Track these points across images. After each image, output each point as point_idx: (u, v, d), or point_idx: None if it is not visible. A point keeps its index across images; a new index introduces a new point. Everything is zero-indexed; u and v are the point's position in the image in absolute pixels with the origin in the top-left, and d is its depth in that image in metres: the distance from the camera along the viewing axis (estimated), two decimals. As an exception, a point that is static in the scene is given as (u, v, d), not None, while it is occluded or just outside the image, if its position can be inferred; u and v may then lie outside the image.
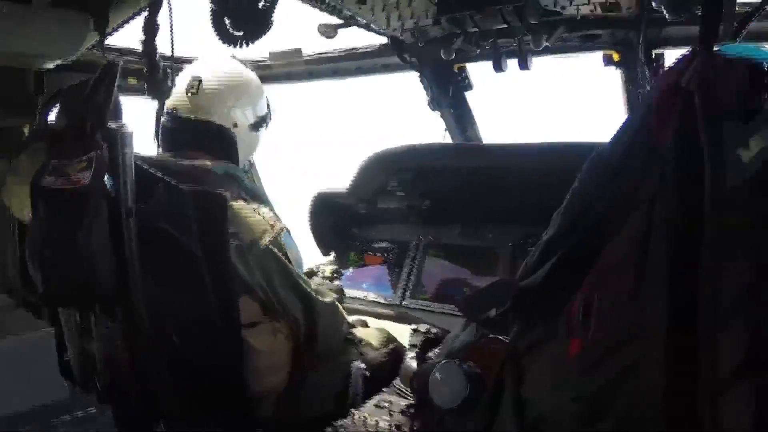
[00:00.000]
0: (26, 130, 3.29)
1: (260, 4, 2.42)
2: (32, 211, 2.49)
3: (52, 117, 3.42)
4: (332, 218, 4.03)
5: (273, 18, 2.46)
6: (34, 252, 2.48)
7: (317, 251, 4.06)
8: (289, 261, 2.77)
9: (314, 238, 4.02)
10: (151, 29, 2.94)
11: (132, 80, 3.66)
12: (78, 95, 2.57)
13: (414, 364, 2.98)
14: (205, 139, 2.91)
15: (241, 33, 2.48)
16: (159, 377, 2.53)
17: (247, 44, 2.50)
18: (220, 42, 2.50)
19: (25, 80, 3.34)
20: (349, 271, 3.89)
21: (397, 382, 3.00)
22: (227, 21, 2.48)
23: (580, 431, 1.31)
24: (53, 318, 2.70)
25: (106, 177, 2.34)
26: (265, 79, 4.00)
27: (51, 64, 3.16)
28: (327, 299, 2.94)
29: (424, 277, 3.60)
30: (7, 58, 2.98)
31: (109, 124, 2.41)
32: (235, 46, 2.50)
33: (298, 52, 3.81)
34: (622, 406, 1.26)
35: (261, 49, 3.90)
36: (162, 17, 2.93)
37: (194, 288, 2.56)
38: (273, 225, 2.74)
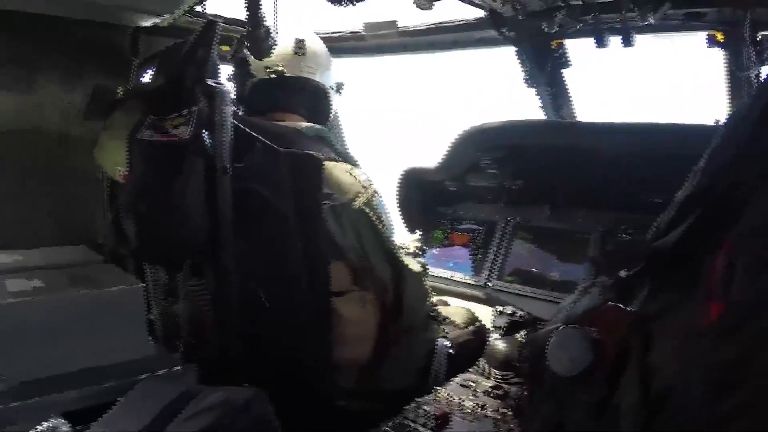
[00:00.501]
0: (119, 91, 3.30)
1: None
2: (128, 165, 2.49)
3: (146, 79, 3.45)
4: (420, 195, 3.98)
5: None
6: (129, 206, 2.48)
7: (402, 227, 4.00)
8: (382, 224, 2.72)
9: (400, 214, 3.97)
10: None
11: (225, 48, 3.65)
12: (176, 55, 2.57)
13: (501, 345, 2.93)
14: (306, 99, 2.92)
15: (347, -7, 2.45)
16: (244, 339, 2.52)
17: (352, 4, 2.46)
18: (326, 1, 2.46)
19: (121, 41, 3.35)
20: (435, 250, 3.83)
21: (481, 362, 2.95)
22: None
23: (712, 402, 1.21)
24: (139, 275, 2.71)
25: (204, 133, 2.32)
26: (358, 50, 3.97)
27: (147, 22, 3.17)
28: (415, 268, 2.89)
29: (511, 258, 3.51)
30: (104, 11, 3.00)
31: (207, 81, 2.40)
32: (340, 5, 2.45)
33: (393, 23, 3.73)
34: (756, 375, 1.16)
35: (354, 20, 3.84)
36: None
37: (285, 251, 2.53)
38: (367, 187, 2.70)
